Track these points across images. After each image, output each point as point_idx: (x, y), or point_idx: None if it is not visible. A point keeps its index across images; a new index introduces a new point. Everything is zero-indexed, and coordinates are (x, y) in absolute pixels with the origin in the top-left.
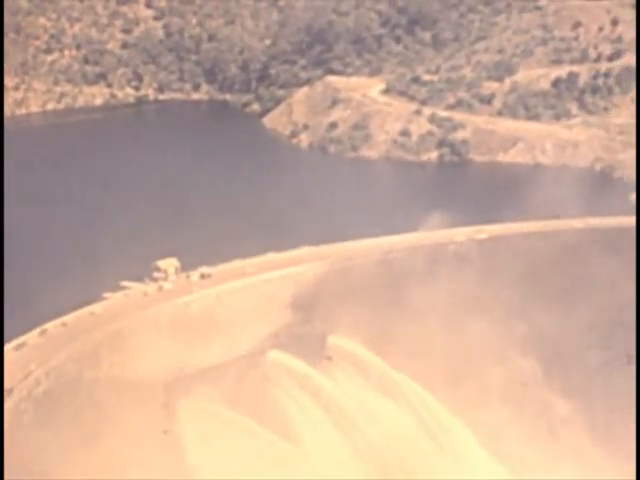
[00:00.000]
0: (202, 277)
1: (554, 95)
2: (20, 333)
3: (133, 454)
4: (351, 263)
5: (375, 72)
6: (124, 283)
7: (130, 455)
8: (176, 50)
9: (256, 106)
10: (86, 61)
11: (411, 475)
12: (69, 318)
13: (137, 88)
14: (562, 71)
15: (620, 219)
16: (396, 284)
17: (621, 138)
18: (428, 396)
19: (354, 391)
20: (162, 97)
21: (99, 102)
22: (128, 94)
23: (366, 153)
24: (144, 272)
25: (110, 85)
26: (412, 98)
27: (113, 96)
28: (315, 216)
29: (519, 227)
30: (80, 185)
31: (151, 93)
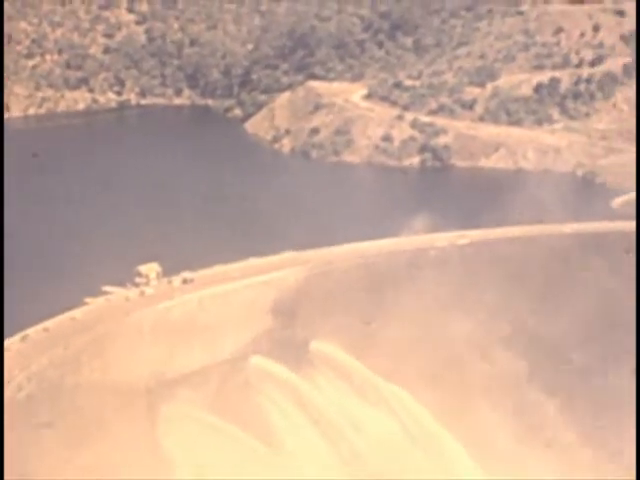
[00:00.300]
0: (184, 282)
1: (536, 100)
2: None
3: (115, 459)
4: (332, 268)
5: (357, 77)
6: (106, 288)
7: (112, 459)
8: (158, 55)
9: (238, 111)
10: (68, 66)
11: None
12: (51, 323)
13: (119, 93)
14: (544, 76)
15: (603, 224)
16: (377, 289)
17: (603, 143)
18: (410, 400)
19: (336, 396)
20: (144, 102)
21: (81, 107)
22: (110, 99)
23: (348, 158)
24: (126, 277)
25: (92, 90)
26: (394, 103)
27: (95, 101)
28: (296, 221)
29: (501, 232)
30: (60, 189)
31: (133, 98)
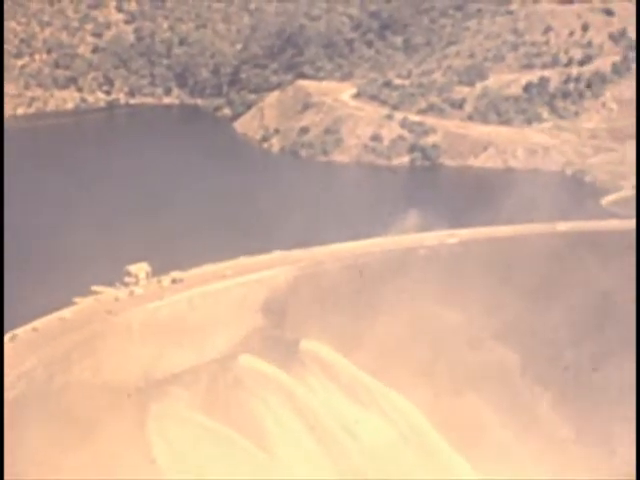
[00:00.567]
0: (174, 282)
1: (525, 99)
2: None
3: (105, 458)
4: (322, 267)
5: (346, 76)
6: (95, 288)
7: (102, 459)
8: (147, 54)
9: (227, 110)
10: (57, 65)
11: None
12: (40, 323)
13: (108, 92)
14: (533, 76)
15: (593, 222)
16: (367, 288)
17: (592, 142)
18: (401, 400)
19: (325, 395)
20: (133, 101)
21: (70, 106)
22: (99, 98)
23: (337, 157)
24: (115, 277)
25: (81, 89)
26: (383, 102)
27: (84, 100)
28: (286, 220)
29: (490, 231)
30: (49, 188)
31: (122, 97)
